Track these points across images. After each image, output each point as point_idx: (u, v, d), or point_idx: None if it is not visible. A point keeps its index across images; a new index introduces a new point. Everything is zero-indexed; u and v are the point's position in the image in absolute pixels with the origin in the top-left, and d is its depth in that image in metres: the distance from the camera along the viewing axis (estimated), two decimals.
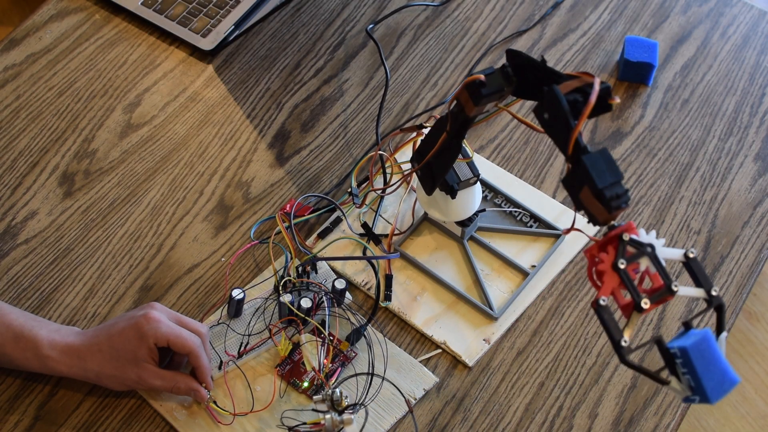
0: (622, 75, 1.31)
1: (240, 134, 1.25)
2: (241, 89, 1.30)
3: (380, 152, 1.16)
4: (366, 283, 1.11)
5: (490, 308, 1.09)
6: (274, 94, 1.30)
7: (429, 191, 1.07)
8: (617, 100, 0.87)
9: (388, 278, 1.10)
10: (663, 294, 0.80)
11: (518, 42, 1.36)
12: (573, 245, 1.15)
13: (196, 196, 1.19)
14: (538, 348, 1.08)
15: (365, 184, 1.16)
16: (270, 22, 1.38)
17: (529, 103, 1.29)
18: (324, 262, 1.11)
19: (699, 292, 0.81)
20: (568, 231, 0.96)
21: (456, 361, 1.06)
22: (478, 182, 1.09)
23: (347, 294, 1.08)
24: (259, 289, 1.09)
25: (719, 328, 0.80)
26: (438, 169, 1.03)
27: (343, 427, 0.94)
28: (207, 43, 1.33)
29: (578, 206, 0.86)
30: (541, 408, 1.04)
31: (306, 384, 1.01)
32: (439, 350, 1.07)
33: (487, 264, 1.13)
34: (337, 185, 1.20)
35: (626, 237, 0.81)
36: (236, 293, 1.05)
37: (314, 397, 0.96)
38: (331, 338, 1.04)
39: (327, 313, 1.05)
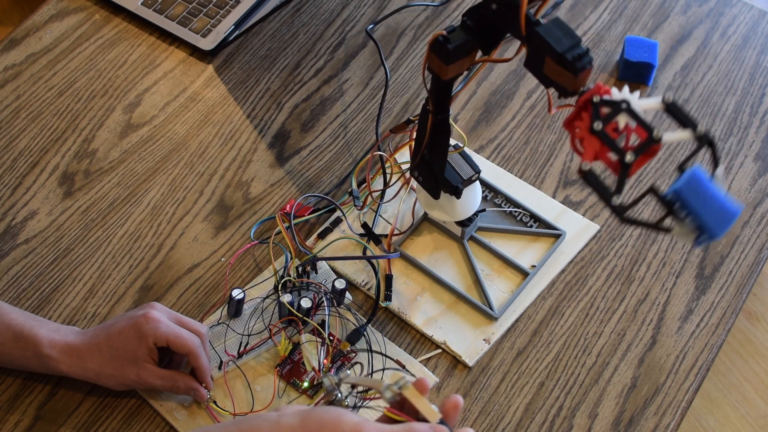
0: (622, 75, 1.31)
1: (240, 134, 1.25)
2: (241, 89, 1.30)
3: (380, 153, 1.16)
4: (366, 283, 1.11)
5: (490, 308, 1.09)
6: (274, 94, 1.30)
7: (436, 195, 1.06)
8: None
9: (388, 278, 1.10)
10: (647, 144, 0.77)
11: (518, 42, 1.36)
12: (573, 245, 1.15)
13: (196, 196, 1.19)
14: (538, 348, 1.08)
15: (364, 185, 1.16)
16: (270, 22, 1.38)
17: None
18: (324, 262, 1.11)
19: (685, 134, 0.77)
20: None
21: (456, 361, 1.06)
22: (478, 183, 1.09)
23: (347, 294, 1.08)
24: (259, 289, 1.09)
25: (715, 164, 0.77)
26: (436, 162, 1.03)
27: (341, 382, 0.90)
28: (207, 43, 1.33)
29: (545, 82, 0.86)
30: (541, 408, 1.04)
31: (306, 384, 1.01)
32: (439, 350, 1.07)
33: (487, 264, 1.13)
34: (337, 185, 1.20)
35: (596, 99, 0.79)
36: (236, 293, 1.05)
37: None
38: (331, 338, 1.04)
39: (327, 313, 1.05)
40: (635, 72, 1.30)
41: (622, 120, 0.79)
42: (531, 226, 1.16)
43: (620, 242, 1.16)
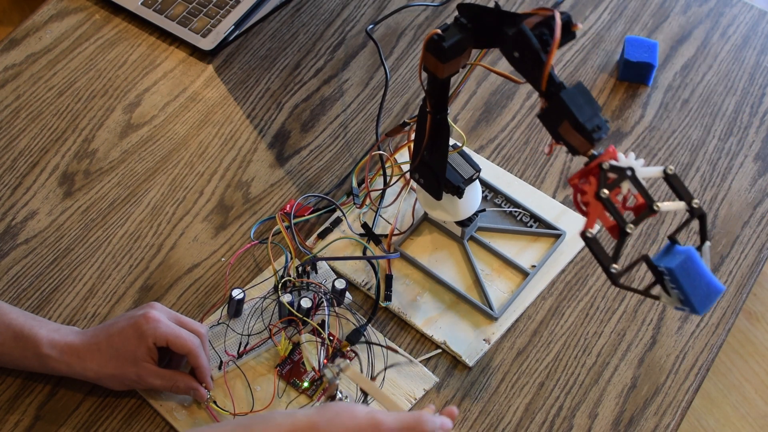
0: (622, 75, 1.31)
1: (240, 134, 1.25)
2: (241, 89, 1.30)
3: (380, 152, 1.16)
4: (366, 283, 1.11)
5: (490, 308, 1.09)
6: (274, 94, 1.30)
7: (438, 196, 1.06)
8: (580, 26, 0.88)
9: (388, 278, 1.10)
10: (646, 214, 0.82)
11: None
12: (573, 245, 1.15)
13: (196, 196, 1.19)
14: (538, 348, 1.08)
15: (363, 185, 1.16)
16: (270, 22, 1.38)
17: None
18: (324, 262, 1.11)
19: (680, 205, 0.82)
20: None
21: (456, 361, 1.06)
22: (478, 183, 1.09)
23: (347, 294, 1.08)
24: (259, 289, 1.09)
25: (702, 238, 0.83)
26: (437, 163, 1.03)
27: (341, 372, 0.92)
28: (207, 43, 1.33)
29: (556, 138, 0.87)
30: (541, 408, 1.04)
31: (306, 384, 1.01)
32: (439, 350, 1.07)
33: (487, 264, 1.13)
34: (337, 185, 1.20)
35: (606, 165, 0.83)
36: (236, 293, 1.05)
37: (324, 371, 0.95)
38: (331, 338, 1.04)
39: (327, 313, 1.05)
40: (635, 72, 1.30)
41: (626, 186, 0.83)
42: (531, 226, 1.16)
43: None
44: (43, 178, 1.19)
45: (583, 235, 0.83)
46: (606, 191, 0.82)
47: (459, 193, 1.06)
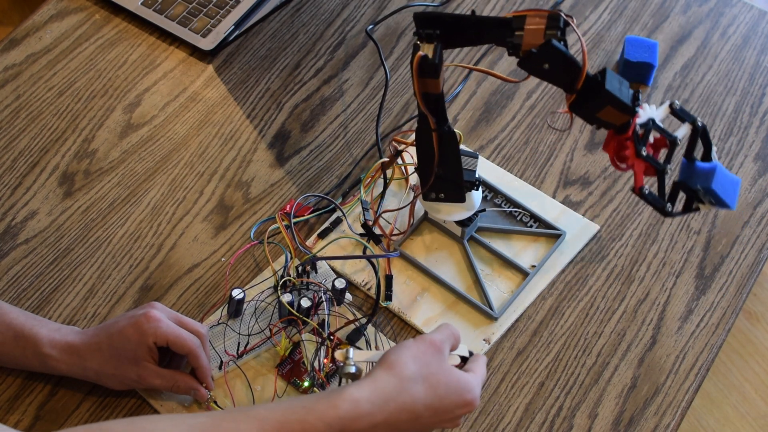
0: (622, 75, 1.30)
1: (240, 134, 1.25)
2: (241, 89, 1.30)
3: (383, 159, 1.15)
4: (366, 283, 1.11)
5: (490, 308, 1.09)
6: (274, 94, 1.30)
7: (462, 198, 1.07)
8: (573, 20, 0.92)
9: (388, 278, 1.10)
10: (672, 148, 0.94)
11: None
12: (573, 245, 1.15)
13: (196, 196, 1.19)
14: (538, 348, 1.08)
15: (355, 187, 1.16)
16: (270, 22, 1.38)
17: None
18: (324, 261, 1.11)
19: (688, 127, 0.94)
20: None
21: None
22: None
23: (347, 294, 1.08)
24: (258, 289, 1.09)
25: (708, 144, 0.95)
26: (451, 170, 1.03)
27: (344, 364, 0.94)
28: (207, 43, 1.33)
29: (591, 122, 0.94)
30: (541, 408, 1.04)
31: (306, 384, 1.01)
32: None
33: (487, 264, 1.13)
34: (337, 185, 1.20)
35: (637, 128, 0.92)
36: (236, 293, 1.05)
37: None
38: (331, 338, 1.04)
39: (327, 312, 1.05)
40: (635, 72, 1.30)
41: (652, 136, 0.94)
42: (531, 226, 1.16)
43: (620, 242, 1.16)
44: (43, 178, 1.19)
45: (639, 191, 0.93)
46: (644, 150, 0.92)
47: (477, 186, 1.07)
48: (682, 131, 0.94)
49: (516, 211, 1.17)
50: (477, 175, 1.07)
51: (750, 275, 1.14)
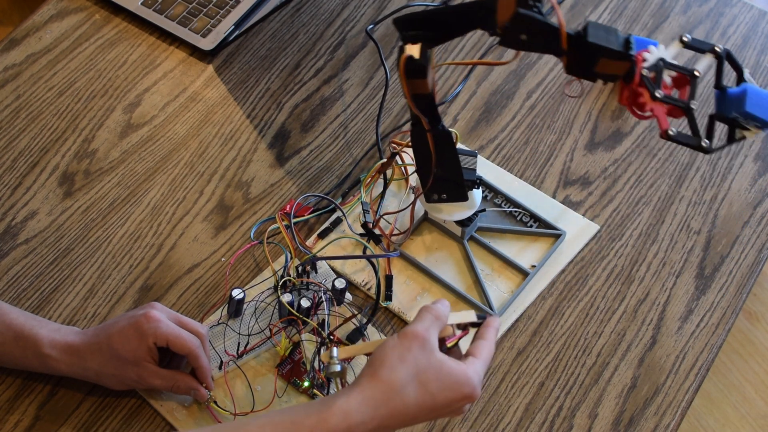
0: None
1: (240, 134, 1.25)
2: (241, 89, 1.30)
3: (382, 160, 1.15)
4: (366, 283, 1.11)
5: (490, 308, 1.09)
6: (274, 94, 1.30)
7: (464, 197, 1.07)
8: None
9: (389, 278, 1.10)
10: (693, 83, 0.93)
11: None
12: (573, 245, 1.15)
13: (196, 196, 1.19)
14: (538, 348, 1.08)
15: (356, 187, 1.16)
16: (270, 22, 1.38)
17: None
18: (324, 261, 1.11)
19: (708, 57, 0.94)
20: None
21: None
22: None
23: (347, 294, 1.08)
24: (259, 289, 1.09)
25: (738, 67, 0.93)
26: (450, 169, 1.03)
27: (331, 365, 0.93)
28: (207, 43, 1.33)
29: (592, 77, 0.92)
30: (541, 408, 1.04)
31: (306, 384, 1.01)
32: None
33: (487, 264, 1.13)
34: (337, 185, 1.20)
35: (644, 72, 0.90)
36: (236, 293, 1.05)
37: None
38: (331, 338, 1.04)
39: (327, 312, 1.05)
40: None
41: (666, 75, 0.92)
42: (531, 226, 1.16)
43: (620, 242, 1.16)
44: (43, 178, 1.19)
45: (666, 134, 0.91)
46: (659, 91, 0.90)
47: (478, 184, 1.07)
48: (704, 64, 0.92)
49: (516, 211, 1.17)
50: (477, 176, 1.07)
51: (750, 275, 1.14)
